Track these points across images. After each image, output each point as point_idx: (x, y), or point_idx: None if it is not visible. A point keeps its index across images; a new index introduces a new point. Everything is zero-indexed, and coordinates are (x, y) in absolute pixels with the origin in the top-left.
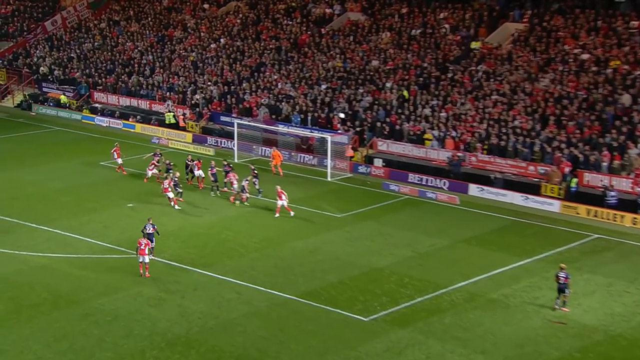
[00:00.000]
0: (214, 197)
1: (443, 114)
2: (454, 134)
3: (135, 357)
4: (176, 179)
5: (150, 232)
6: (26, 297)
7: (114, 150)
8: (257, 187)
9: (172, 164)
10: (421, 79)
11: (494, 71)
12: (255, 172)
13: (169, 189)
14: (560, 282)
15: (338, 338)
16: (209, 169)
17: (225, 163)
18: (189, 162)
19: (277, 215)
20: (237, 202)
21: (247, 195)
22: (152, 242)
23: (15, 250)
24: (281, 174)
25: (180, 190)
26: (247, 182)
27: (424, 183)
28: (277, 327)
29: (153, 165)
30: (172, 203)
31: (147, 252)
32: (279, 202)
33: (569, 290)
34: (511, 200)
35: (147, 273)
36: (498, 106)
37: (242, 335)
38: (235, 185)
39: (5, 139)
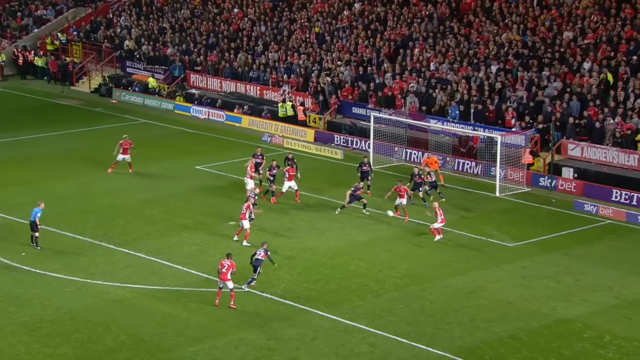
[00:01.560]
0: (340, 214)
1: None
2: None
3: None
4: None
5: (260, 258)
6: (100, 340)
7: (121, 144)
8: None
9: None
10: (635, 57)
11: None
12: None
13: (247, 216)
14: None
15: None
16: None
17: (365, 161)
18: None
19: (437, 237)
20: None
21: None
22: (255, 272)
23: (88, 278)
24: (442, 181)
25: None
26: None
27: (634, 203)
28: None
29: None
30: (238, 236)
31: (229, 276)
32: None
33: None
34: None
35: (231, 303)
36: None
37: None
38: (404, 200)
39: (78, 133)
